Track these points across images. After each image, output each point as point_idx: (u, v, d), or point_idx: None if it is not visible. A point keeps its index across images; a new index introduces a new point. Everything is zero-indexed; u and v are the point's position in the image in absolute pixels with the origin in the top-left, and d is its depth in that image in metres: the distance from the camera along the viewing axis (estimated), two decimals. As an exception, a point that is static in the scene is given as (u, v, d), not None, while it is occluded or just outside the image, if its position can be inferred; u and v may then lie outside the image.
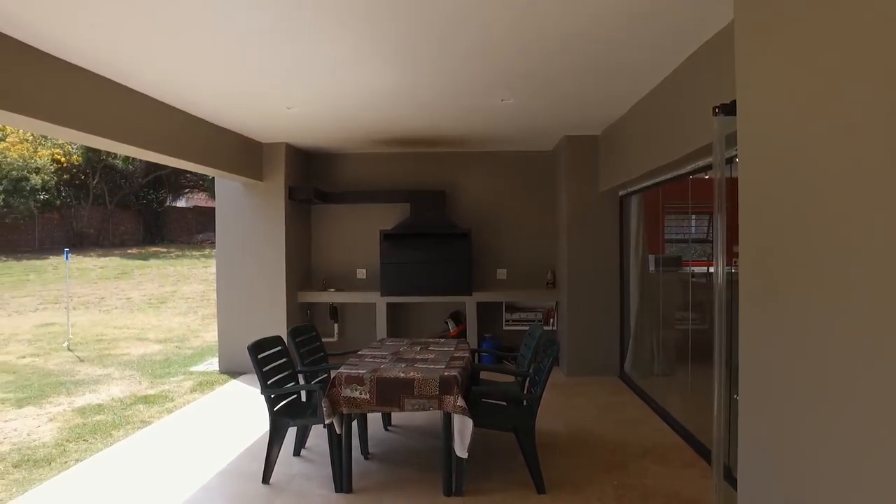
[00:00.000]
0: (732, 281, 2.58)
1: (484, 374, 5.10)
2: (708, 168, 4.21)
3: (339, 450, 3.66)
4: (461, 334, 7.18)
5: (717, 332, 2.45)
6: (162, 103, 4.83)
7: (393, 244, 7.20)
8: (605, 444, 4.48)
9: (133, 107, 4.47)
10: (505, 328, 7.56)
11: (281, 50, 3.66)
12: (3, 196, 19.73)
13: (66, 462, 4.25)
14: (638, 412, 5.32)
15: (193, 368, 7.34)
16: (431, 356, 4.23)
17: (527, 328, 5.90)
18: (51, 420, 5.30)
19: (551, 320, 7.45)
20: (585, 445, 4.45)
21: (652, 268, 6.00)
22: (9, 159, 19.50)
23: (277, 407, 3.88)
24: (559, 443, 4.51)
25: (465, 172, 7.66)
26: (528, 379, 4.31)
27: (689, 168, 4.49)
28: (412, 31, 3.39)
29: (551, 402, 5.42)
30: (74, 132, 3.96)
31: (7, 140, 19.62)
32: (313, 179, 7.71)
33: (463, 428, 3.54)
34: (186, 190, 25.62)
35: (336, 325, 7.66)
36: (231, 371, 6.91)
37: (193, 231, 23.07)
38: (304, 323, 6.20)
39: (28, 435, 4.91)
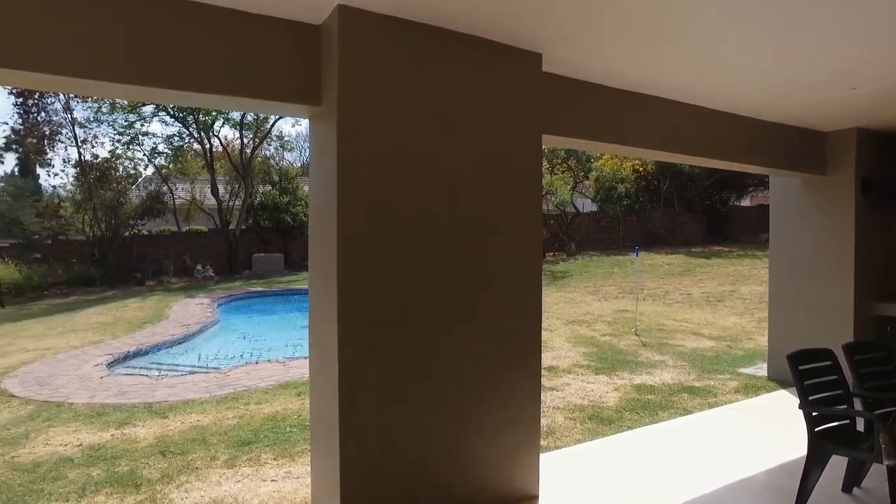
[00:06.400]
0: None
1: None
2: None
3: (899, 500, 3.00)
4: None
5: None
6: (707, 109, 5.03)
7: None
8: None
9: (681, 118, 4.86)
10: None
11: (830, 29, 3.27)
12: (599, 203, 24.53)
13: (620, 426, 5.09)
14: None
15: (741, 370, 7.27)
16: None
17: None
18: (615, 390, 6.39)
19: None
20: None
21: None
22: (604, 173, 24.02)
23: (820, 428, 3.50)
24: None
25: None
26: None
27: None
28: None
29: None
30: (640, 150, 4.72)
31: (602, 158, 24.16)
32: (898, 168, 6.31)
33: None
34: (750, 189, 25.00)
35: (929, 350, 6.05)
36: (780, 379, 6.49)
37: (756, 230, 22.26)
38: (874, 340, 5.21)
39: (599, 397, 6.09)
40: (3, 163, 37.02)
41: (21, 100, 22.29)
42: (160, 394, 6.45)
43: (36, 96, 22.20)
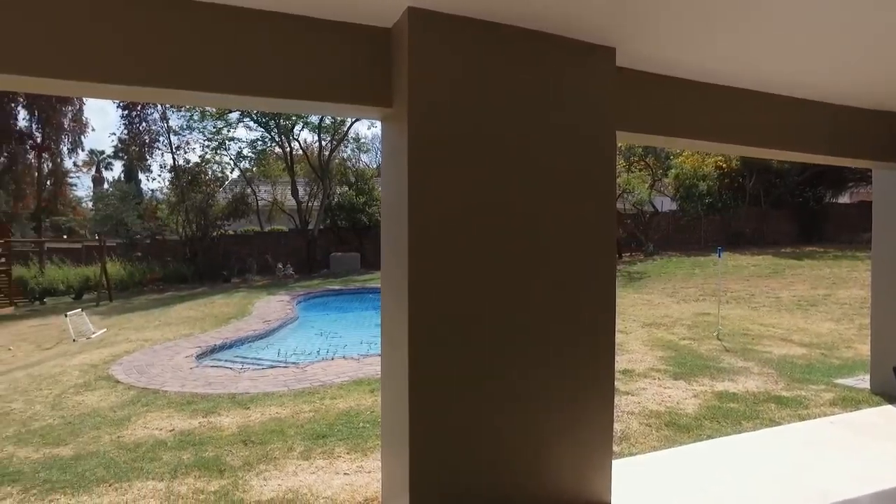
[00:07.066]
0: None
1: None
2: None
3: None
4: None
5: None
6: (800, 99, 4.67)
7: None
8: None
9: (770, 110, 4.55)
10: None
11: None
12: (679, 201, 23.52)
13: (699, 435, 4.85)
14: None
15: (838, 380, 6.72)
16: None
17: None
18: (694, 396, 6.10)
19: None
20: None
21: None
22: (684, 170, 23.00)
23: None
24: None
25: None
26: None
27: None
28: None
29: None
30: (723, 145, 4.45)
31: (682, 155, 23.15)
32: None
33: None
34: (850, 184, 23.15)
35: None
36: (887, 393, 5.94)
37: (858, 230, 20.58)
38: None
39: (676, 403, 5.84)
40: (112, 169, 40.38)
41: (126, 112, 24.32)
42: (243, 386, 6.81)
43: (138, 108, 24.11)
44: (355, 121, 24.23)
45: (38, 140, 30.75)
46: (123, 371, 7.76)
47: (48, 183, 32.13)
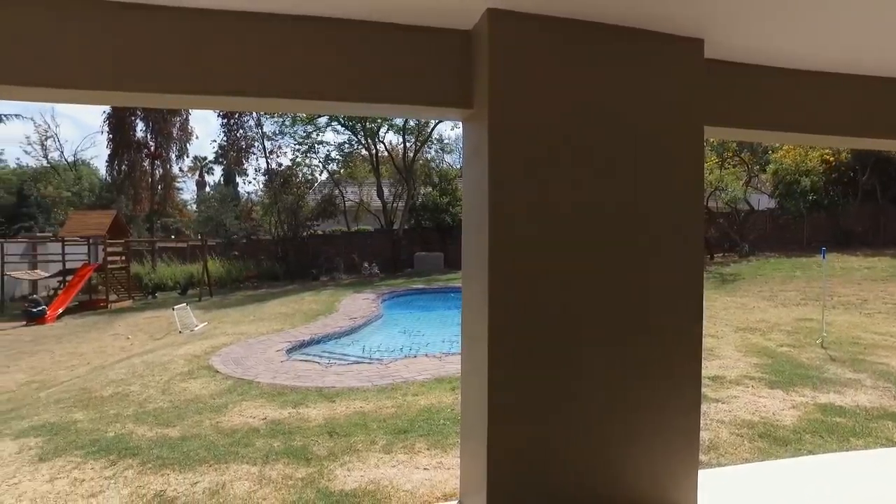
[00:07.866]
0: None
1: None
2: None
3: None
4: None
5: None
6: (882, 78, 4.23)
7: None
8: None
9: (884, 96, 4.17)
10: None
11: None
12: (778, 199, 21.98)
13: (799, 449, 4.53)
14: None
15: (966, 397, 6.04)
16: None
17: None
18: (793, 407, 5.69)
19: None
20: None
21: None
22: (784, 165, 21.44)
23: None
24: None
25: None
26: None
27: None
28: None
29: None
30: (827, 137, 4.14)
31: (783, 149, 21.58)
32: None
33: None
34: None
35: None
36: None
37: None
38: None
39: (772, 414, 5.47)
40: (213, 173, 43.37)
41: (225, 120, 26.19)
42: (329, 380, 7.12)
43: (235, 116, 25.79)
44: (438, 122, 24.57)
45: (152, 148, 33.59)
46: (222, 362, 8.33)
47: (159, 187, 34.99)
